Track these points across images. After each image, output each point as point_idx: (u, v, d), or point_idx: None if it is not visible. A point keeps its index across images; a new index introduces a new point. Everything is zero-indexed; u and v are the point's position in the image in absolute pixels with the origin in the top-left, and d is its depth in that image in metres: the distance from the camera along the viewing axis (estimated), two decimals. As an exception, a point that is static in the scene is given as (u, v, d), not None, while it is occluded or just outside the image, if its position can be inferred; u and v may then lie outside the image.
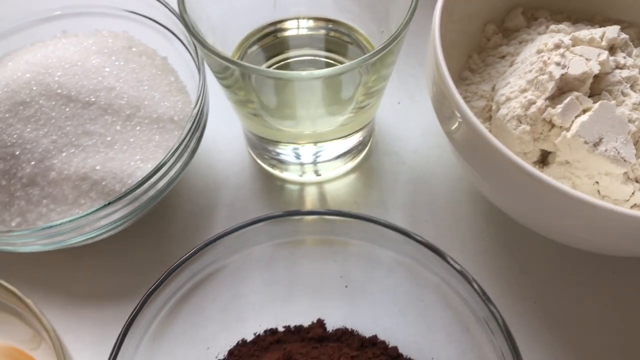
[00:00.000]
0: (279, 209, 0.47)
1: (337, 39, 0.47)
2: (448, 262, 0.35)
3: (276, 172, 0.49)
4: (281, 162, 0.48)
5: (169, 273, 0.36)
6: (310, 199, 0.48)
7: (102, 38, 0.47)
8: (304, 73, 0.37)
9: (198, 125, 0.42)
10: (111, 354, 0.33)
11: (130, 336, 0.34)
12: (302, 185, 0.48)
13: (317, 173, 0.48)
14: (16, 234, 0.39)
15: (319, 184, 0.48)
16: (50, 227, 0.38)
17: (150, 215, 0.46)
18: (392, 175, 0.48)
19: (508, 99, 0.41)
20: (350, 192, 0.48)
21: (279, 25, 0.46)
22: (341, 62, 0.46)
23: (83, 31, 0.49)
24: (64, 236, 0.40)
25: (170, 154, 0.40)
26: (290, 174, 0.49)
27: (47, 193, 0.41)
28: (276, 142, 0.45)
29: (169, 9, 0.46)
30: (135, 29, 0.49)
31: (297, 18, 0.46)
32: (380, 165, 0.49)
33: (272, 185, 0.48)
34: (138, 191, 0.40)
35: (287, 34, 0.47)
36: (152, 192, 0.41)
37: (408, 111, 0.51)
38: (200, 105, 0.41)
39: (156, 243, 0.46)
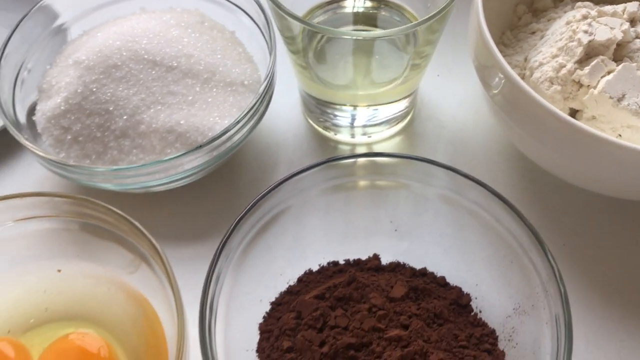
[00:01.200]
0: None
1: (386, 17, 0.53)
2: (491, 192, 0.40)
3: (329, 134, 0.55)
4: (335, 125, 0.54)
5: (250, 207, 0.41)
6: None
7: (177, 13, 0.54)
8: (376, 32, 0.43)
9: (269, 89, 0.47)
10: (208, 273, 0.38)
11: (222, 258, 0.39)
12: (353, 146, 0.54)
13: (367, 135, 0.54)
14: (116, 170, 0.45)
15: (368, 145, 0.54)
16: (146, 165, 0.44)
17: (222, 168, 0.52)
18: (434, 138, 0.54)
19: (541, 64, 0.47)
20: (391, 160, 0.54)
21: (339, 3, 0.52)
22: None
23: (159, 8, 0.55)
24: (152, 176, 0.46)
25: (246, 111, 0.46)
26: (342, 136, 0.54)
27: (137, 144, 0.47)
28: (334, 105, 0.51)
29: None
30: (205, 7, 0.55)
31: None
32: (423, 130, 0.55)
33: (325, 146, 0.54)
34: (218, 141, 0.46)
35: (345, 10, 0.53)
36: (228, 144, 0.47)
37: (446, 82, 0.57)
38: (271, 72, 0.47)
39: (226, 193, 0.52)
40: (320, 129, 0.55)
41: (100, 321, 0.43)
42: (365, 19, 0.53)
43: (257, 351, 0.41)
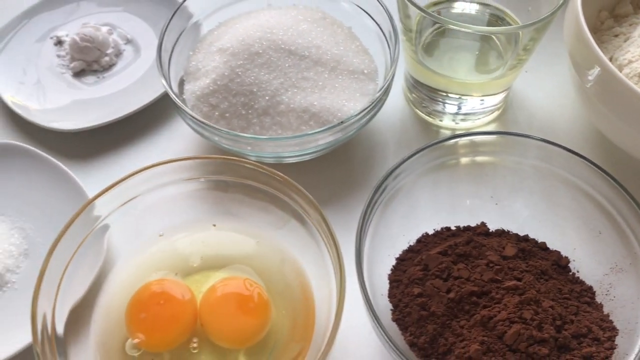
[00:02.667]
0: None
1: (490, 20, 0.60)
2: (586, 160, 0.47)
3: (431, 119, 0.62)
4: (437, 111, 0.61)
5: (381, 182, 0.48)
6: (461, 141, 0.60)
7: (301, 10, 0.61)
8: (498, 28, 0.50)
9: (392, 77, 0.54)
10: (359, 232, 0.46)
11: (365, 222, 0.46)
12: (453, 130, 0.61)
13: (465, 121, 0.61)
14: (261, 140, 0.52)
15: (467, 130, 0.61)
16: (291, 137, 0.52)
17: (339, 146, 0.59)
18: (526, 125, 0.61)
19: (630, 62, 0.54)
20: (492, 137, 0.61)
21: (451, 3, 0.60)
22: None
23: (284, 5, 0.63)
24: (289, 148, 0.53)
25: (377, 95, 0.53)
26: (444, 122, 0.61)
27: (276, 121, 0.55)
28: (437, 92, 0.58)
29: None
30: (324, 5, 0.62)
31: (468, 0, 0.60)
32: (515, 118, 0.62)
33: (428, 130, 0.62)
34: (353, 120, 0.53)
35: (453, 11, 0.60)
36: (357, 124, 0.54)
37: (535, 78, 0.64)
38: (394, 63, 0.54)
39: (343, 168, 0.59)
40: (422, 115, 0.62)
41: (249, 269, 0.50)
42: (470, 21, 0.60)
43: (389, 297, 0.48)
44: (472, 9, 0.60)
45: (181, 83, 0.58)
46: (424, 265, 0.48)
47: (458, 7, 0.60)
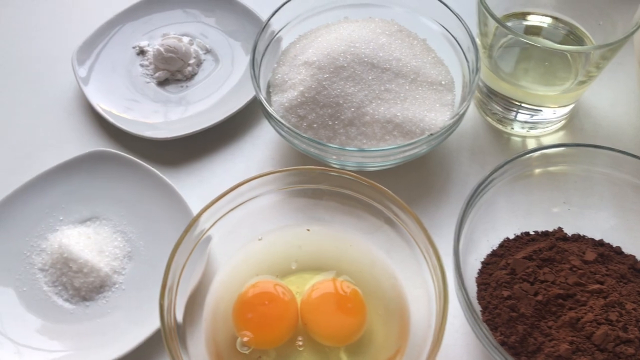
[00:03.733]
0: (509, 156, 0.63)
1: (562, 34, 0.63)
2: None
3: (501, 126, 0.65)
4: (509, 119, 0.64)
5: (472, 195, 0.51)
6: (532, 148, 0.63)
7: (378, 23, 0.64)
8: (570, 47, 0.53)
9: (473, 87, 0.58)
10: (456, 236, 0.49)
11: (462, 229, 0.50)
12: (524, 138, 0.64)
13: (535, 128, 0.64)
14: (350, 151, 0.55)
15: (537, 138, 0.64)
16: (379, 150, 0.55)
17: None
18: (591, 133, 0.64)
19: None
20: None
21: (525, 16, 0.62)
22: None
23: (360, 18, 0.66)
24: (373, 159, 0.57)
25: (463, 109, 0.56)
26: (514, 130, 0.64)
27: (361, 131, 0.58)
28: (519, 103, 0.61)
29: (441, 1, 0.63)
30: (398, 17, 0.65)
31: (540, 14, 0.62)
32: (581, 125, 0.65)
33: (499, 138, 0.65)
34: (441, 131, 0.56)
35: (527, 23, 0.63)
36: (444, 135, 0.57)
37: (600, 86, 0.67)
38: (476, 74, 0.57)
39: (421, 174, 0.62)
40: (492, 122, 0.65)
41: (341, 271, 0.54)
42: (543, 34, 0.63)
43: (478, 299, 0.52)
44: (545, 22, 0.63)
45: (267, 94, 0.62)
46: (510, 269, 0.51)
47: (532, 20, 0.63)
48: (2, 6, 0.77)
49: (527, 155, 0.54)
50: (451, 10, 0.62)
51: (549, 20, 0.62)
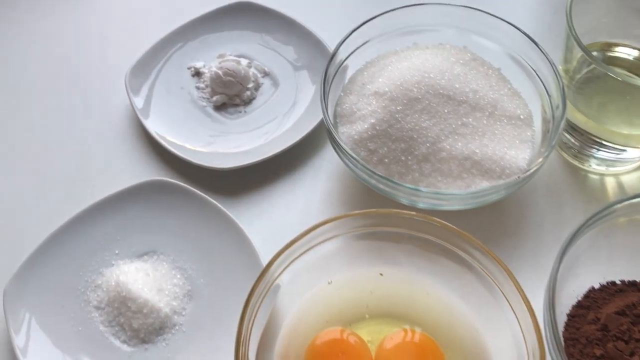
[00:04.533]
0: (587, 195, 0.60)
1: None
2: None
3: (577, 163, 0.61)
4: (587, 155, 0.60)
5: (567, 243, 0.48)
6: (611, 188, 0.60)
7: (451, 51, 0.61)
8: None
9: (559, 127, 0.54)
10: (550, 285, 0.45)
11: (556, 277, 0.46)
12: (601, 176, 0.61)
13: (614, 166, 0.60)
14: (429, 193, 0.52)
15: (615, 176, 0.61)
16: (461, 194, 0.52)
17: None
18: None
19: None
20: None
21: (613, 47, 0.59)
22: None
23: (430, 44, 0.62)
24: (449, 201, 0.53)
25: (551, 147, 0.52)
26: (592, 167, 0.61)
27: (436, 168, 0.55)
28: (600, 141, 0.58)
29: (513, 25, 0.59)
30: (470, 44, 0.62)
31: (627, 46, 0.59)
32: (663, 164, 0.61)
33: (576, 175, 0.61)
34: (528, 174, 0.52)
35: (613, 54, 0.59)
36: (529, 178, 0.53)
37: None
38: (563, 110, 0.54)
39: (495, 212, 0.59)
40: (567, 157, 0.62)
41: (416, 319, 0.51)
42: (628, 66, 0.59)
43: (567, 354, 0.48)
44: (632, 54, 0.59)
45: (334, 124, 0.58)
46: (601, 324, 0.48)
47: (618, 51, 0.59)
48: (52, 23, 0.75)
49: (616, 206, 0.50)
50: (530, 38, 0.59)
51: (636, 53, 0.59)
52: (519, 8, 0.75)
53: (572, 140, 0.60)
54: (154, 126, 0.63)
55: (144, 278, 0.54)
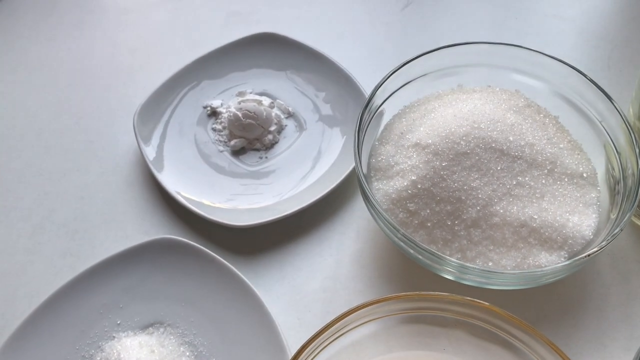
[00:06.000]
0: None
1: None
2: None
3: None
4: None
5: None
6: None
7: (502, 96, 0.53)
8: None
9: (636, 190, 0.46)
10: None
11: None
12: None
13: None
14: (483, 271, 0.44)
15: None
16: (519, 273, 0.44)
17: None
18: None
19: None
20: None
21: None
22: None
23: (477, 86, 0.55)
24: (501, 281, 0.46)
25: (627, 217, 0.44)
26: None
27: (487, 235, 0.47)
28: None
29: (569, 65, 0.52)
30: (522, 86, 0.55)
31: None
32: None
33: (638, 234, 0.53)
34: (597, 249, 0.44)
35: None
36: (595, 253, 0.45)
37: None
38: (638, 170, 0.46)
39: (551, 291, 0.51)
40: (635, 219, 0.54)
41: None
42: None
43: None
44: None
45: (367, 178, 0.51)
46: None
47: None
48: (55, 52, 0.68)
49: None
50: (591, 80, 0.51)
51: None
52: (571, 42, 0.67)
53: None
54: (165, 176, 0.56)
55: (148, 356, 0.47)
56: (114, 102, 0.64)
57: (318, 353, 0.41)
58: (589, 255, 0.43)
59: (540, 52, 0.54)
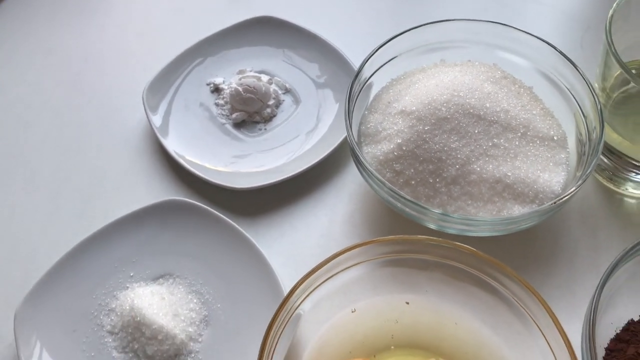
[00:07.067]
0: (623, 220, 0.57)
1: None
2: None
3: (613, 186, 0.58)
4: (622, 179, 0.57)
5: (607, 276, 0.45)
6: (648, 211, 0.57)
7: (480, 68, 0.58)
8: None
9: (597, 150, 0.51)
10: (590, 313, 0.43)
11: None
12: (639, 200, 0.58)
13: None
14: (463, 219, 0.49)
15: (654, 200, 0.58)
16: (490, 221, 0.49)
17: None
18: None
19: None
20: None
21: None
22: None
23: (458, 61, 0.60)
24: (477, 227, 0.51)
25: (589, 171, 0.49)
26: (628, 190, 0.58)
27: (466, 191, 0.52)
28: (637, 163, 0.55)
29: (545, 42, 0.57)
30: (499, 61, 0.60)
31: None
32: None
33: (611, 199, 0.58)
34: (565, 199, 0.49)
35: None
36: (565, 203, 0.50)
37: None
38: (600, 131, 0.51)
39: (527, 238, 0.56)
40: (602, 180, 0.59)
41: (443, 350, 0.48)
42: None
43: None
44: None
45: (358, 144, 0.56)
46: (644, 361, 0.45)
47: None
48: (68, 38, 0.73)
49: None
50: (563, 55, 0.56)
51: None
52: (548, 23, 0.72)
53: (607, 162, 0.57)
54: (172, 144, 0.61)
55: (159, 302, 0.52)
56: (124, 81, 0.69)
57: (310, 293, 0.46)
58: (555, 202, 0.48)
59: (518, 29, 0.59)
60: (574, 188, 0.49)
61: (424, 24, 0.59)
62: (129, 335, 0.51)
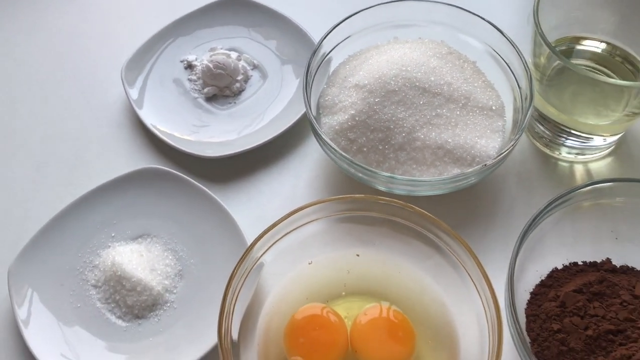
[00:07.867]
0: (556, 181, 0.63)
1: (617, 62, 0.62)
2: None
3: (549, 151, 0.65)
4: (557, 144, 0.64)
5: (530, 223, 0.52)
6: (579, 174, 0.63)
7: (429, 45, 0.64)
8: (628, 83, 0.52)
9: (526, 118, 0.57)
10: (511, 266, 0.49)
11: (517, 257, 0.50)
12: (571, 163, 0.64)
13: (583, 154, 0.64)
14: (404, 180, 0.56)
15: (584, 164, 0.64)
16: (430, 180, 0.55)
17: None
18: (640, 160, 0.64)
19: None
20: (609, 170, 0.63)
21: (581, 41, 0.62)
22: (611, 77, 0.61)
23: (410, 38, 0.66)
24: (421, 187, 0.57)
25: (517, 136, 0.56)
26: (562, 155, 0.64)
27: (411, 156, 0.59)
28: (569, 130, 0.61)
29: (487, 21, 0.63)
30: (448, 38, 0.65)
31: (596, 39, 0.62)
32: (630, 152, 0.64)
33: (547, 163, 0.64)
34: (497, 160, 0.55)
35: (581, 47, 0.63)
36: (497, 165, 0.57)
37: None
38: (530, 101, 0.57)
39: (467, 198, 0.62)
40: (539, 145, 0.65)
41: (389, 296, 0.54)
42: (597, 59, 0.63)
43: (527, 330, 0.52)
44: (600, 47, 0.62)
45: (316, 115, 0.62)
46: (560, 302, 0.52)
47: (586, 45, 0.62)
48: (52, 18, 0.78)
49: (579, 190, 0.54)
50: (503, 34, 0.62)
51: (603, 46, 0.62)
52: (497, 7, 0.77)
53: (544, 130, 0.64)
54: (148, 116, 0.66)
55: (138, 259, 0.58)
56: (104, 60, 0.74)
57: (271, 245, 0.52)
58: (485, 164, 0.55)
59: (466, 10, 0.64)
60: (505, 151, 0.55)
61: (379, 4, 0.64)
62: (111, 288, 0.57)
